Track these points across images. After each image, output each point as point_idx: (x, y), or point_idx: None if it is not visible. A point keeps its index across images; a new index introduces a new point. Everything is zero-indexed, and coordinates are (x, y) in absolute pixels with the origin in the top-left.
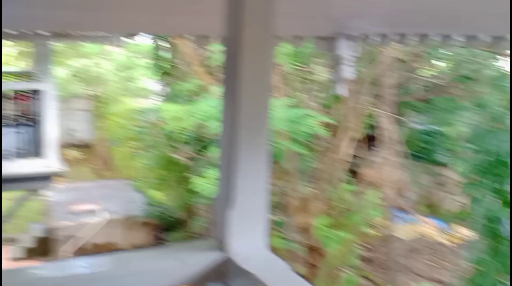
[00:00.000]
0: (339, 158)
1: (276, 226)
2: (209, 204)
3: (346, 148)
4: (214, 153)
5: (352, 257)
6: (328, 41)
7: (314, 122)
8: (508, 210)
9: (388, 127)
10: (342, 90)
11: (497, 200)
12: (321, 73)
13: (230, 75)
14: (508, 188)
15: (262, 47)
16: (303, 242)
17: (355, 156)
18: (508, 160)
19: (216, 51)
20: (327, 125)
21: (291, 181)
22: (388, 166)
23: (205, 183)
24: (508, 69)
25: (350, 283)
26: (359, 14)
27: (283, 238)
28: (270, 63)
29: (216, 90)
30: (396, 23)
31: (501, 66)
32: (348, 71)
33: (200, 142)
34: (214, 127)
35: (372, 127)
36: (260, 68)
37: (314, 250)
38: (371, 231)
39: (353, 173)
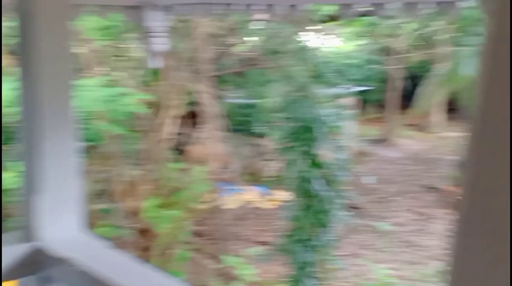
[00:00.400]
0: (164, 136)
1: (104, 214)
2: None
3: (169, 126)
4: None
5: (184, 234)
6: (136, 12)
7: (134, 100)
8: (315, 169)
9: (208, 103)
10: (155, 64)
11: (307, 162)
12: (137, 48)
13: (25, 53)
14: (315, 151)
15: (59, 18)
16: (134, 227)
17: (179, 133)
18: (313, 125)
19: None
20: (148, 104)
21: (115, 165)
22: (212, 141)
23: (15, 177)
24: (310, 42)
25: (184, 259)
26: None
27: (113, 226)
28: (70, 37)
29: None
30: None
31: (303, 40)
32: (160, 44)
33: (3, 132)
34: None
35: (193, 103)
36: (59, 43)
37: (146, 233)
38: (201, 206)
39: (179, 151)
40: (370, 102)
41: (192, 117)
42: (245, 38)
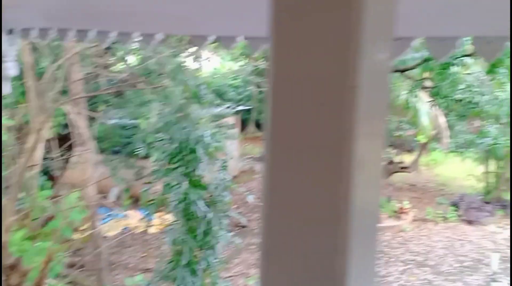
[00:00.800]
0: (32, 163)
1: None
2: None
3: (38, 151)
4: None
5: (59, 267)
6: None
7: None
8: (198, 190)
9: (81, 125)
10: (6, 89)
11: (190, 183)
12: None
13: None
14: (198, 171)
15: None
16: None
17: (51, 158)
18: (195, 146)
19: None
20: (14, 129)
21: None
22: (87, 165)
23: None
24: (189, 63)
25: None
26: (16, 5)
27: None
28: None
29: None
30: (57, 18)
31: (181, 61)
32: (11, 68)
33: None
34: None
35: (65, 126)
36: None
37: (14, 269)
38: (78, 235)
39: (50, 177)
40: (251, 121)
41: (64, 140)
42: (122, 58)
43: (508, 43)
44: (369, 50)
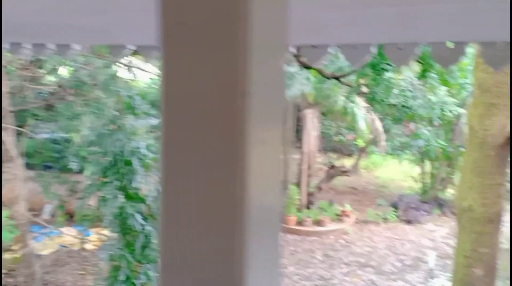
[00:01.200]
0: None
1: None
2: None
3: None
4: None
5: None
6: None
7: None
8: (135, 203)
9: (9, 140)
10: None
11: (126, 197)
12: None
13: None
14: (134, 184)
15: None
16: None
17: None
18: (130, 158)
19: None
20: None
21: None
22: (16, 182)
23: None
24: (123, 74)
25: None
26: None
27: None
28: None
29: None
30: None
31: (114, 72)
32: None
33: None
34: None
35: None
36: None
37: None
38: (9, 255)
39: None
40: None
41: None
42: (53, 70)
43: (419, 49)
44: (260, 56)
